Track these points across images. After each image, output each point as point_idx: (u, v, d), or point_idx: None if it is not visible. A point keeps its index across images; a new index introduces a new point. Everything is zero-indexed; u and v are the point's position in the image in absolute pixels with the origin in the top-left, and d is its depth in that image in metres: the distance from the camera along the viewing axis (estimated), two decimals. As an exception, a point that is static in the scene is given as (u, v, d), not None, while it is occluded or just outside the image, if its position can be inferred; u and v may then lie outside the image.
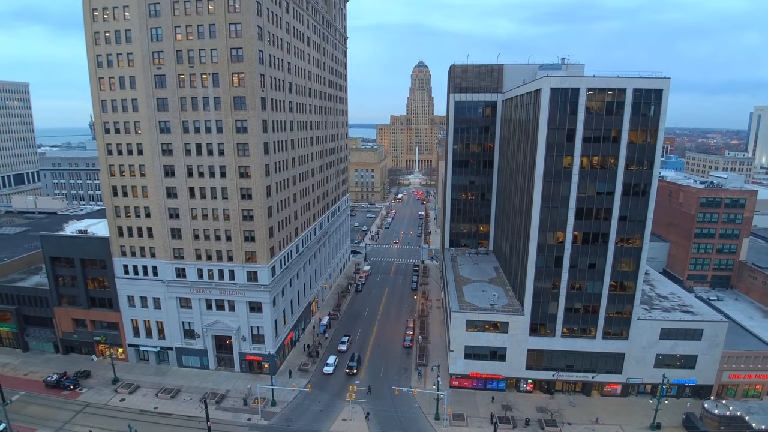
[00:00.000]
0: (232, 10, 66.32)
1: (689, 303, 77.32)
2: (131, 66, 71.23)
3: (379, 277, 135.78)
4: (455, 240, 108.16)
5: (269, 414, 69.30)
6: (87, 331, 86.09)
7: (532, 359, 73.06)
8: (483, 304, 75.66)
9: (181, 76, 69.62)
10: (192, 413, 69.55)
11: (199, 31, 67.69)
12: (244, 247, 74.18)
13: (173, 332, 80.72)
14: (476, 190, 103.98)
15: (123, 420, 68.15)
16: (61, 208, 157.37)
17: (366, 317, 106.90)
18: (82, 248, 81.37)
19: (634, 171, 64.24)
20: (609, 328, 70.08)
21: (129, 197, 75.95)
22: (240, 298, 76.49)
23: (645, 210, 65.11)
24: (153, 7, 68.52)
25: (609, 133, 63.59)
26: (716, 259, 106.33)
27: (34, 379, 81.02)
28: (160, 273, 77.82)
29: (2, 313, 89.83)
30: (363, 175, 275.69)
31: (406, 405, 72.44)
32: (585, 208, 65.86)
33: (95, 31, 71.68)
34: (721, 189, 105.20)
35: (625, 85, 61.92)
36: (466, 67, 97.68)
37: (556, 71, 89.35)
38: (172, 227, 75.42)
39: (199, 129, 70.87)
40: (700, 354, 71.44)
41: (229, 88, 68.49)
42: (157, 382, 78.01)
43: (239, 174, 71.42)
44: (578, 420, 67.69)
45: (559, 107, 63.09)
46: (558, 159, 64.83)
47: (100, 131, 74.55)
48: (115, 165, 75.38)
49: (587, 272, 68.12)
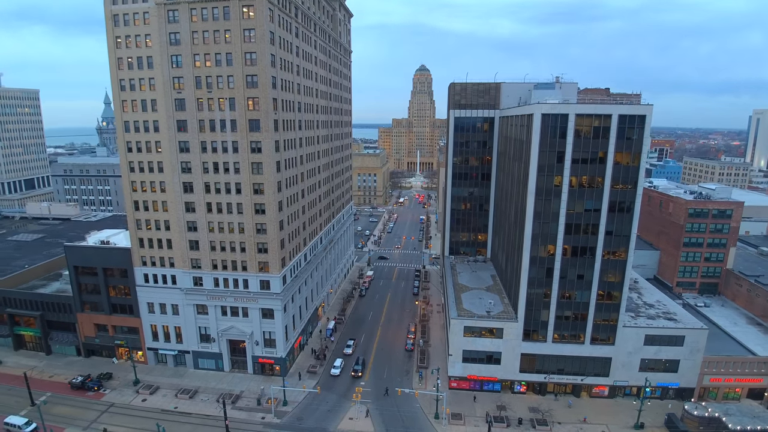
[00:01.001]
0: (247, 40, 71.77)
1: (673, 311, 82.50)
2: (153, 90, 76.76)
3: (382, 282, 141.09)
4: (455, 248, 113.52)
5: (281, 413, 74.83)
6: (108, 336, 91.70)
7: (526, 363, 78.41)
8: (480, 311, 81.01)
9: (199, 100, 75.12)
10: (210, 412, 75.08)
11: (217, 59, 73.16)
12: (257, 257, 79.67)
13: (190, 336, 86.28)
14: (475, 201, 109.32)
15: (146, 419, 73.77)
16: (74, 215, 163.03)
17: (370, 321, 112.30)
18: (105, 258, 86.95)
19: (619, 190, 69.46)
20: (597, 334, 75.37)
21: (150, 211, 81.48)
22: (253, 305, 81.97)
23: (629, 226, 70.31)
24: (173, 36, 74.02)
25: (596, 155, 68.80)
26: (704, 267, 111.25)
27: (59, 381, 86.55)
28: (179, 281, 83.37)
29: (27, 319, 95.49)
30: (365, 179, 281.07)
31: (408, 405, 77.83)
32: (574, 224, 71.09)
33: (119, 57, 77.22)
34: (709, 200, 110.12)
35: (610, 111, 67.12)
36: (465, 85, 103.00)
37: (550, 90, 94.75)
38: (191, 239, 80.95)
39: (216, 149, 76.38)
40: (683, 359, 76.63)
41: (244, 111, 73.97)
42: (175, 384, 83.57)
43: (254, 191, 76.89)
44: (567, 419, 73.02)
45: (550, 131, 68.35)
46: (549, 178, 70.10)
47: (123, 150, 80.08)
48: (137, 181, 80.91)
49: (576, 282, 73.39)
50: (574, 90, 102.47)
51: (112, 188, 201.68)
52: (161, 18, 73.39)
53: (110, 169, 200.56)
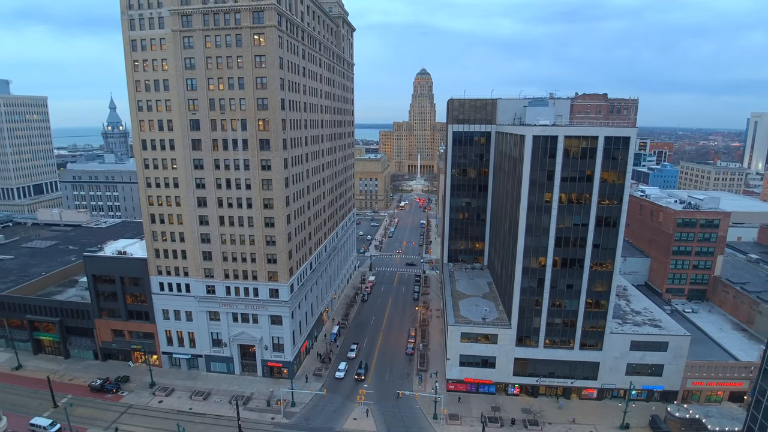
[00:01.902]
0: (258, 66, 76.85)
1: (659, 318, 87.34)
2: (169, 111, 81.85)
3: (384, 287, 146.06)
4: (453, 256, 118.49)
5: (290, 414, 79.89)
6: (125, 341, 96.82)
7: (519, 367, 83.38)
8: (476, 318, 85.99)
9: (213, 121, 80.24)
10: (223, 413, 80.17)
11: (230, 82, 78.25)
12: (267, 268, 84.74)
13: (203, 341, 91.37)
14: (472, 211, 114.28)
15: (164, 420, 78.89)
16: (85, 221, 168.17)
17: (372, 326, 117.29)
18: (123, 267, 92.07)
19: (605, 206, 74.35)
20: (585, 340, 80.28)
21: (166, 224, 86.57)
22: (263, 312, 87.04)
23: (615, 239, 75.19)
24: (189, 61, 79.12)
25: (584, 173, 73.66)
26: (693, 274, 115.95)
27: (78, 383, 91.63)
28: (192, 290, 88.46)
29: (46, 324, 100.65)
30: (367, 183, 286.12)
31: (408, 406, 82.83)
32: (563, 237, 75.99)
33: (136, 80, 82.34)
34: (697, 210, 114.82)
35: (597, 134, 72.02)
36: (463, 101, 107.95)
37: (544, 106, 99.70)
38: (204, 250, 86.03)
39: (228, 166, 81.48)
40: (666, 363, 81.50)
41: (255, 131, 79.04)
42: (189, 386, 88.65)
43: (263, 205, 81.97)
44: (558, 420, 77.97)
45: (541, 151, 73.25)
46: (540, 194, 75.03)
47: (141, 166, 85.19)
48: (153, 196, 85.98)
49: (566, 292, 78.29)
50: (567, 106, 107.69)
51: (120, 194, 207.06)
52: (177, 44, 78.50)
53: (118, 175, 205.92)
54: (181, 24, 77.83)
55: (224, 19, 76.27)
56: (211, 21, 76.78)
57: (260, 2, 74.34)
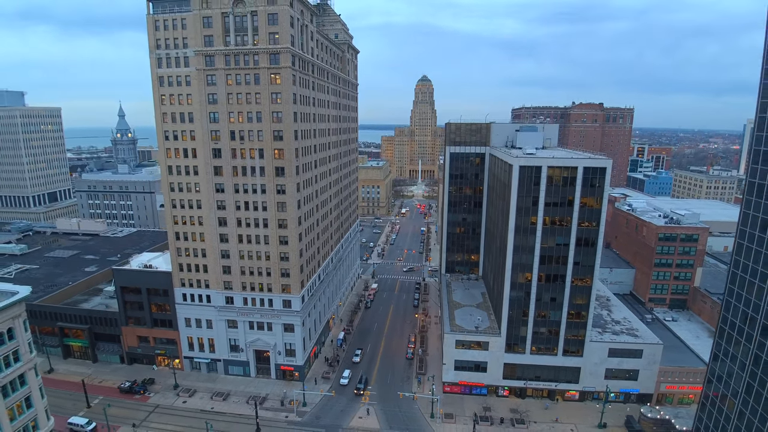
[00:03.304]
0: (274, 101, 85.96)
1: (636, 327, 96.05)
2: (193, 140, 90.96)
3: (386, 294, 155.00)
4: (450, 267, 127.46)
5: (302, 413, 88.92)
6: (149, 346, 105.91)
7: (508, 371, 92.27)
8: (470, 326, 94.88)
9: (233, 150, 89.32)
10: (241, 412, 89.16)
11: (249, 116, 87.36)
12: (280, 281, 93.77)
13: (221, 347, 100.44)
14: (468, 225, 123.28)
15: (189, 418, 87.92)
16: (102, 230, 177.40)
17: (375, 332, 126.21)
18: (149, 280, 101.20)
19: (585, 228, 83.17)
20: (567, 347, 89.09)
21: (189, 241, 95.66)
22: (277, 321, 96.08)
23: (593, 257, 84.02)
24: (212, 96, 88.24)
25: (565, 199, 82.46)
26: (673, 284, 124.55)
27: (107, 385, 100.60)
28: (213, 300, 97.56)
29: (76, 331, 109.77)
30: (369, 191, 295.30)
31: (408, 406, 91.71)
32: (547, 255, 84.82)
33: (164, 112, 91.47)
34: (678, 225, 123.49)
35: (576, 164, 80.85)
36: (459, 125, 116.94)
37: (533, 132, 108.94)
38: (224, 265, 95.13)
39: (247, 190, 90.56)
40: (641, 369, 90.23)
41: (271, 159, 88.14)
42: (209, 387, 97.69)
43: (278, 225, 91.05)
44: (542, 419, 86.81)
45: (526, 180, 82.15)
46: (526, 218, 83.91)
47: (167, 189, 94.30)
48: (178, 216, 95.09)
49: (550, 304, 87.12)
50: (555, 131, 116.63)
51: (134, 204, 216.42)
52: (201, 81, 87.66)
53: (132, 185, 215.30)
54: (205, 63, 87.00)
55: (244, 60, 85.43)
56: (232, 61, 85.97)
57: (276, 46, 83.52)
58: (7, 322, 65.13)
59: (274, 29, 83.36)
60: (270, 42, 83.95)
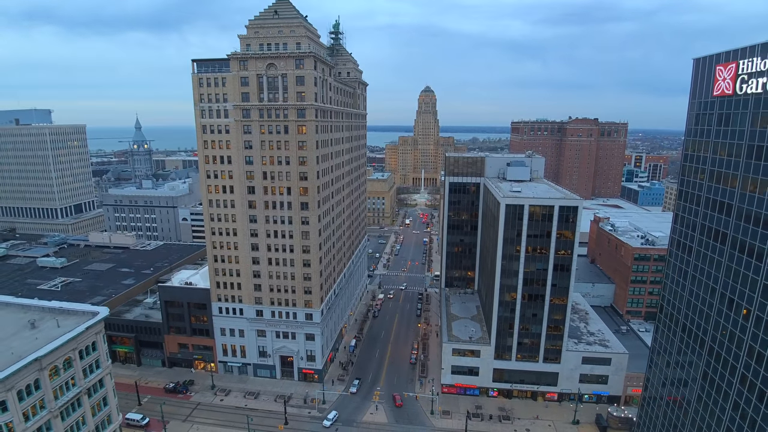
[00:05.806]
0: (300, 148, 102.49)
1: (608, 338, 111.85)
2: (230, 179, 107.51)
3: (391, 304, 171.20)
4: (449, 282, 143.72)
5: (322, 409, 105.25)
6: (188, 351, 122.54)
7: (497, 375, 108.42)
8: (465, 336, 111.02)
9: (265, 187, 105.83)
10: (271, 409, 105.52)
11: (278, 160, 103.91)
12: (303, 297, 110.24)
13: (251, 353, 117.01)
14: (465, 246, 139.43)
15: (227, 414, 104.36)
16: (132, 244, 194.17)
17: (382, 339, 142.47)
18: (189, 295, 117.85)
19: (560, 256, 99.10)
20: (547, 355, 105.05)
21: (225, 263, 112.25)
22: (300, 331, 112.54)
23: (568, 280, 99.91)
24: (247, 143, 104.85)
25: (544, 232, 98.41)
26: (648, 299, 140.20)
27: (153, 386, 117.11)
28: (245, 313, 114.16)
29: (123, 338, 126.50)
30: (375, 202, 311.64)
31: (411, 404, 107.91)
32: (529, 278, 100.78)
33: (206, 155, 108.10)
34: (652, 246, 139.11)
35: (553, 203, 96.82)
36: (457, 159, 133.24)
37: (521, 167, 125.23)
38: (255, 283, 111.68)
39: (276, 221, 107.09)
40: (611, 374, 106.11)
41: (297, 196, 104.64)
42: (242, 388, 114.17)
43: (302, 250, 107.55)
44: (524, 416, 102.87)
45: (511, 215, 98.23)
46: (511, 246, 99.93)
47: (207, 218, 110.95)
48: (217, 241, 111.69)
49: (532, 319, 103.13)
50: (542, 163, 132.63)
51: (158, 217, 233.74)
52: (238, 130, 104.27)
53: (156, 200, 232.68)
54: (242, 115, 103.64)
55: (275, 113, 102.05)
56: (265, 114, 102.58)
57: (303, 103, 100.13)
58: (91, 337, 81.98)
59: (301, 89, 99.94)
60: (297, 99, 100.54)
